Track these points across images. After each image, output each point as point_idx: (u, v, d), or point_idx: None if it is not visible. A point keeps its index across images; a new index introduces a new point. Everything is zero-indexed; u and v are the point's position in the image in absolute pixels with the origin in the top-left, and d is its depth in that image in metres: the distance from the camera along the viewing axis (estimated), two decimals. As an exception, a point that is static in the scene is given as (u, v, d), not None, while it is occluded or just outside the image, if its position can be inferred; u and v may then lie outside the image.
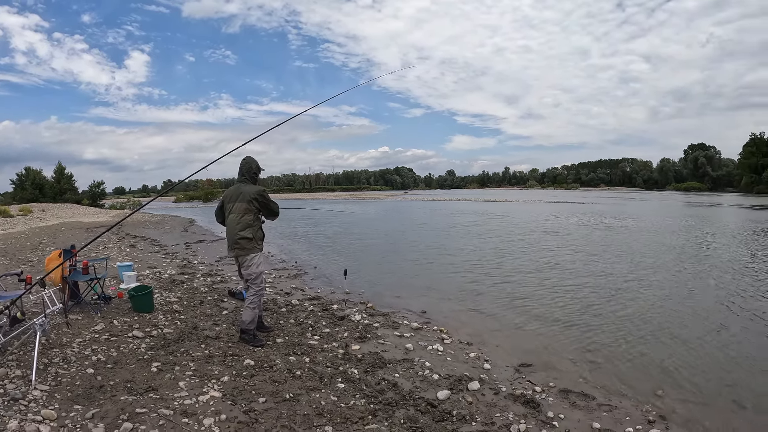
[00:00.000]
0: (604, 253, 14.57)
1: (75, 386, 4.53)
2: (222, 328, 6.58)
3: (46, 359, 5.06)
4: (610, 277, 10.72)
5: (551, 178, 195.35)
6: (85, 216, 36.72)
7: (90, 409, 4.03)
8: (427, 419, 4.09)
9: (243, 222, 5.93)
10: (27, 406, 4.04)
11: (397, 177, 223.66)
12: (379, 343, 6.20)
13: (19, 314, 5.61)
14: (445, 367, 5.37)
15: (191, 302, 8.02)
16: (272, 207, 6.12)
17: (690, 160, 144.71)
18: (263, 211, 6.10)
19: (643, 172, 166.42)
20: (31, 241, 17.87)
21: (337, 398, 4.47)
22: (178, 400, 4.30)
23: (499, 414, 4.25)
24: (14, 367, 4.86)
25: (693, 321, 7.39)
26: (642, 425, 4.14)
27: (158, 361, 5.21)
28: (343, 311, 7.73)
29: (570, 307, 8.16)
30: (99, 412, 3.99)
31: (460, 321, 7.46)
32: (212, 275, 10.78)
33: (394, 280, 10.81)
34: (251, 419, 3.96)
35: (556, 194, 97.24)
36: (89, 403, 4.19)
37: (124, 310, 7.31)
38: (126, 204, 61.67)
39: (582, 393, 4.79)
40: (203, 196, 72.14)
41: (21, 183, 59.54)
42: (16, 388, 4.36)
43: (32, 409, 3.99)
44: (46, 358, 5.11)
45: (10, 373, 4.69)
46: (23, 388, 4.37)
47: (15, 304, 5.74)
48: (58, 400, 4.22)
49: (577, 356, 5.91)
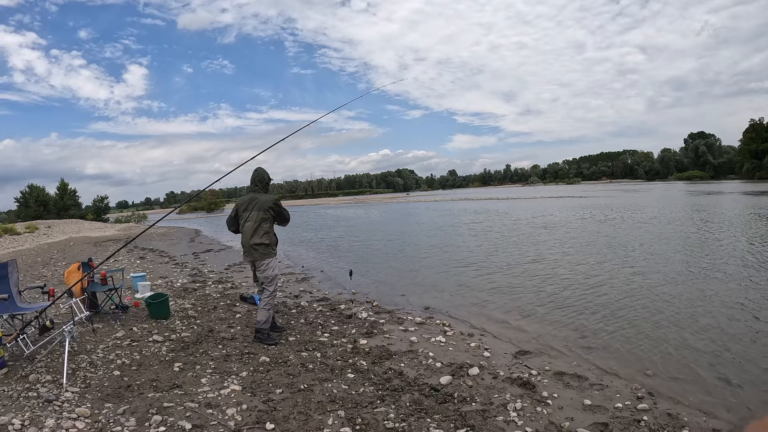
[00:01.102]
0: (600, 244, 14.86)
1: (104, 387, 4.89)
2: (236, 330, 6.95)
3: (73, 365, 5.41)
4: (606, 267, 11.03)
5: (553, 174, 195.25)
6: (91, 231, 37.12)
7: (121, 406, 4.40)
8: (431, 402, 4.44)
9: (260, 229, 6.28)
10: (61, 406, 4.40)
11: (399, 179, 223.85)
12: (385, 338, 6.53)
13: (48, 322, 5.98)
14: (447, 356, 5.70)
15: (205, 308, 8.38)
16: (285, 214, 6.51)
17: (691, 149, 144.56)
18: (277, 218, 6.44)
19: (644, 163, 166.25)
20: (42, 257, 18.25)
21: (348, 387, 4.83)
22: (201, 394, 4.67)
23: (497, 395, 4.58)
24: (44, 372, 5.22)
25: (686, 306, 7.67)
26: (631, 401, 4.44)
27: (179, 362, 5.58)
28: (350, 310, 8.06)
29: (567, 298, 8.47)
30: (129, 408, 4.35)
31: (461, 315, 7.79)
32: (222, 282, 11.14)
33: (399, 280, 11.13)
34: (270, 408, 4.34)
35: (558, 189, 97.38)
36: (119, 400, 4.56)
37: (142, 317, 7.68)
38: (131, 217, 62.04)
39: (575, 375, 5.10)
40: (207, 207, 72.33)
41: (25, 200, 59.91)
42: (48, 391, 4.72)
43: (66, 408, 4.35)
44: (74, 363, 5.46)
45: (41, 378, 5.05)
46: (55, 390, 4.73)
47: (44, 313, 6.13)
48: (89, 399, 4.58)
49: (572, 343, 6.23)
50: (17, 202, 61.02)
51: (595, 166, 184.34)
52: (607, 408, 4.29)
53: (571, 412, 4.23)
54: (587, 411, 4.24)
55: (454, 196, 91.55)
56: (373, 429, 3.94)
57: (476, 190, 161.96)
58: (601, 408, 4.29)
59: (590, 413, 4.20)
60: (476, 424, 3.97)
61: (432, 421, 4.05)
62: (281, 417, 4.16)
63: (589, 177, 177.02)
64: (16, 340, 5.50)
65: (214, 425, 4.03)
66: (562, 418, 4.09)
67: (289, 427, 3.98)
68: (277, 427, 3.98)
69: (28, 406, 4.39)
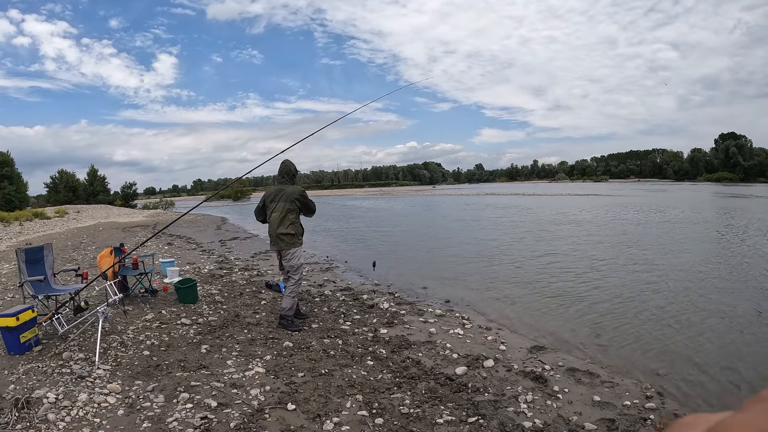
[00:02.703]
0: (623, 244, 14.80)
1: (134, 365, 5.17)
2: (262, 316, 7.20)
3: (104, 344, 5.70)
4: (627, 268, 11.03)
5: (580, 171, 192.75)
6: (119, 216, 37.81)
7: (150, 383, 4.67)
8: (446, 390, 4.62)
9: (286, 219, 6.49)
10: (93, 382, 4.69)
11: (426, 172, 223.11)
12: (405, 328, 6.70)
13: (83, 303, 6.26)
14: (464, 348, 5.86)
15: (231, 294, 8.64)
16: (311, 206, 6.70)
17: (721, 149, 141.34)
18: (303, 209, 6.63)
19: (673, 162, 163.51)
20: (72, 241, 18.71)
21: (367, 373, 5.03)
22: (227, 375, 4.92)
23: (510, 387, 4.74)
24: (77, 350, 5.53)
25: (704, 310, 7.66)
26: (639, 399, 4.53)
27: (206, 344, 5.85)
28: (372, 300, 8.23)
29: (586, 296, 8.53)
30: (158, 386, 4.62)
31: (481, 309, 7.91)
32: (249, 269, 11.41)
33: (421, 272, 11.27)
34: (292, 390, 4.57)
35: (585, 187, 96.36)
36: (148, 378, 4.83)
37: (170, 301, 7.96)
38: (158, 204, 62.91)
39: (588, 372, 5.21)
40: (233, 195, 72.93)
41: (55, 186, 61.10)
42: (81, 368, 5.00)
43: (98, 384, 4.64)
44: (105, 343, 5.75)
45: (74, 355, 5.35)
46: (88, 368, 5.02)
47: (78, 295, 6.43)
48: (120, 377, 4.86)
49: (587, 340, 6.33)
50: (47, 187, 62.35)
51: (624, 164, 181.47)
52: (616, 405, 4.40)
53: (580, 407, 4.36)
54: (596, 407, 4.36)
55: (480, 190, 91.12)
56: (388, 413, 4.13)
57: (502, 185, 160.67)
58: (610, 405, 4.40)
59: (598, 409, 4.32)
60: (487, 413, 4.13)
61: (445, 409, 4.23)
62: (302, 398, 4.38)
63: (617, 175, 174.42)
64: (51, 319, 5.80)
65: (238, 404, 4.27)
66: (570, 413, 4.22)
67: (309, 408, 4.19)
68: (298, 407, 4.20)
69: (62, 381, 4.69)
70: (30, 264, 6.75)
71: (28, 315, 5.50)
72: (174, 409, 4.14)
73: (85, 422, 3.92)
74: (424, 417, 4.07)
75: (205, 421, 3.93)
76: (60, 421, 3.90)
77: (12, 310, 5.48)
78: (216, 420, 3.97)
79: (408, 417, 4.08)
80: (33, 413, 4.00)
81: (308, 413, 4.12)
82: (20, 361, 5.20)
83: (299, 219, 6.63)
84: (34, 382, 4.69)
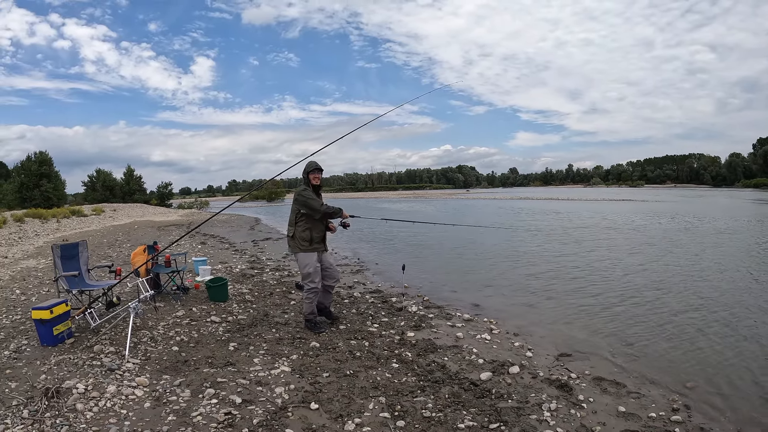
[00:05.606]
0: (657, 253, 14.52)
1: (162, 360, 5.29)
2: (290, 316, 7.29)
3: (135, 339, 5.84)
4: (660, 277, 10.80)
5: (616, 176, 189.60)
6: (154, 215, 38.56)
7: (177, 378, 4.78)
8: (469, 395, 4.61)
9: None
10: (122, 375, 4.83)
11: (460, 175, 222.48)
12: (432, 332, 6.70)
13: (115, 299, 6.42)
14: (490, 354, 5.83)
15: (261, 293, 8.77)
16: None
17: (760, 154, 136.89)
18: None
19: (711, 168, 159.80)
20: (108, 239, 19.17)
21: (391, 375, 5.06)
22: (253, 372, 5.01)
23: (534, 394, 4.69)
24: (108, 344, 5.68)
25: (738, 324, 7.41)
26: (665, 412, 4.43)
27: (234, 342, 5.95)
28: (400, 303, 8.24)
29: (616, 305, 8.38)
30: (185, 381, 4.72)
31: (510, 314, 7.83)
32: (280, 270, 11.55)
33: (451, 276, 11.23)
34: (316, 389, 4.63)
35: (621, 192, 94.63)
36: (176, 373, 4.94)
37: (201, 299, 8.10)
38: (193, 203, 63.87)
39: (614, 381, 5.11)
40: (267, 196, 73.60)
41: (92, 184, 62.59)
42: (111, 361, 5.14)
43: (127, 377, 4.77)
44: (135, 338, 5.90)
45: (104, 349, 5.50)
46: (117, 361, 5.15)
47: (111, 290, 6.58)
48: (148, 371, 4.99)
49: (616, 349, 6.20)
50: (85, 185, 64.02)
51: (660, 169, 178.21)
52: (641, 416, 4.32)
53: (604, 417, 4.29)
54: (620, 417, 4.29)
55: (514, 194, 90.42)
56: (410, 416, 4.14)
57: (537, 189, 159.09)
58: (635, 416, 4.32)
59: (623, 420, 4.25)
60: (509, 420, 4.11)
61: (467, 414, 4.22)
62: (326, 398, 4.43)
63: (653, 180, 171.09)
64: (84, 313, 5.95)
65: (262, 401, 4.33)
66: (594, 422, 4.17)
67: (332, 408, 4.23)
68: (321, 407, 4.24)
69: (92, 373, 4.83)
70: (65, 260, 6.94)
71: (62, 308, 5.67)
72: (199, 404, 4.23)
73: (112, 413, 4.03)
74: (445, 421, 4.07)
75: (229, 416, 4.00)
76: (88, 411, 4.02)
77: (46, 303, 5.65)
78: (240, 416, 4.04)
79: (430, 421, 4.08)
80: (62, 403, 4.12)
81: (331, 413, 4.16)
82: (52, 353, 5.37)
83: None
84: (64, 372, 4.84)
